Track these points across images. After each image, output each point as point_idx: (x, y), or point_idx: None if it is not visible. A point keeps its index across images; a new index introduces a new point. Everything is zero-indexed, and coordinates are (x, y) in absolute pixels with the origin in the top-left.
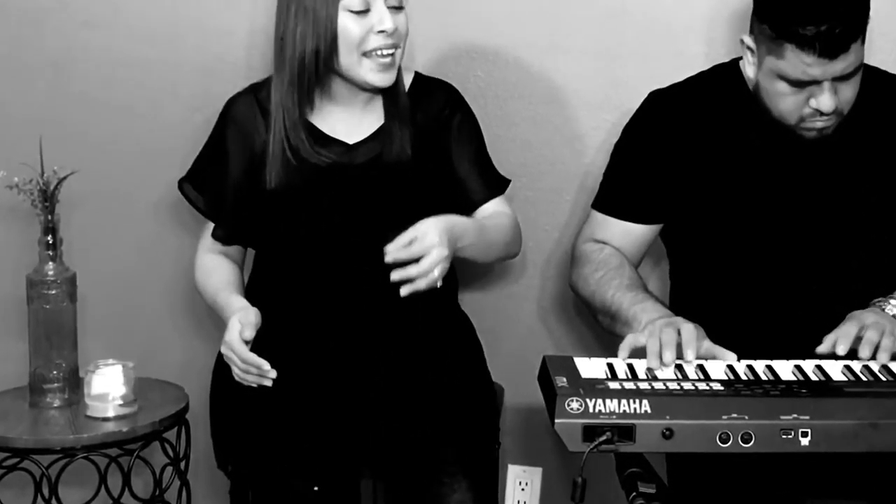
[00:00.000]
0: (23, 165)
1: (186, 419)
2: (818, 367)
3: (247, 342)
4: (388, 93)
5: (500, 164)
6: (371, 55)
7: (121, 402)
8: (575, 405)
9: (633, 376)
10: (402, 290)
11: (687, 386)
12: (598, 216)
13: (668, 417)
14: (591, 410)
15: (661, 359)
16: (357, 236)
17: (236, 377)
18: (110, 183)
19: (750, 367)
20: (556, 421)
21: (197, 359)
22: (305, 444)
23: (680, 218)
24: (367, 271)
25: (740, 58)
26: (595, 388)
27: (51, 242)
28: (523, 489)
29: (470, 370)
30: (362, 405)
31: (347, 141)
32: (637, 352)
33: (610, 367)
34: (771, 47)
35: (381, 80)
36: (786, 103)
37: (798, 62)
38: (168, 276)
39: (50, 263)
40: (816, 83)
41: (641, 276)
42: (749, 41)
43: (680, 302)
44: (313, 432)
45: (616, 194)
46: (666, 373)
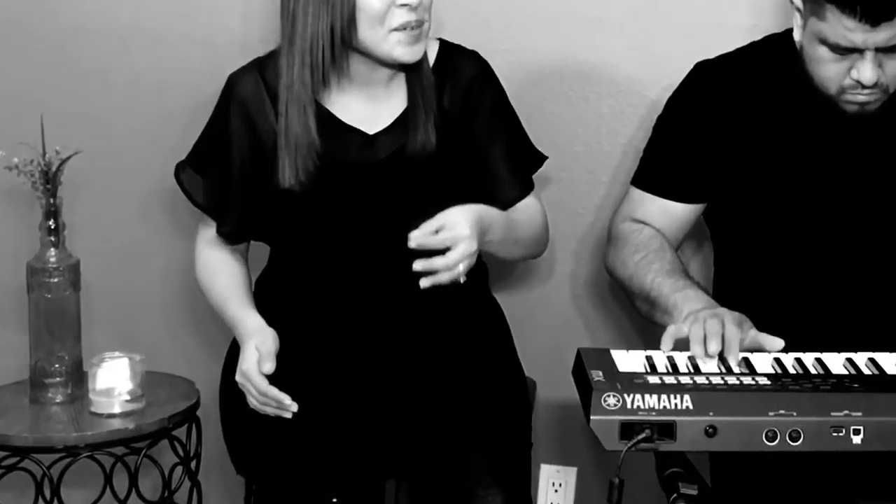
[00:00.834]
0: (23, 145)
1: (197, 416)
2: (871, 360)
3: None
4: (412, 70)
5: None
6: (398, 30)
7: (127, 398)
8: (612, 401)
9: (674, 370)
10: (423, 282)
11: (731, 380)
12: (638, 193)
13: (711, 414)
14: (629, 406)
15: (707, 348)
16: (378, 235)
17: (251, 406)
18: (116, 163)
19: (798, 361)
20: (592, 418)
21: (209, 351)
22: (324, 453)
23: (724, 197)
24: (387, 269)
25: None
26: (633, 383)
27: (53, 227)
28: (556, 490)
29: (502, 366)
30: (387, 407)
31: (367, 131)
32: (679, 344)
33: (649, 361)
34: (814, 8)
35: (409, 55)
36: (826, 71)
37: (839, 25)
38: (178, 263)
39: (52, 249)
40: (858, 52)
41: (682, 260)
42: (797, 0)
43: (724, 288)
44: (333, 439)
45: (657, 170)
46: (709, 366)
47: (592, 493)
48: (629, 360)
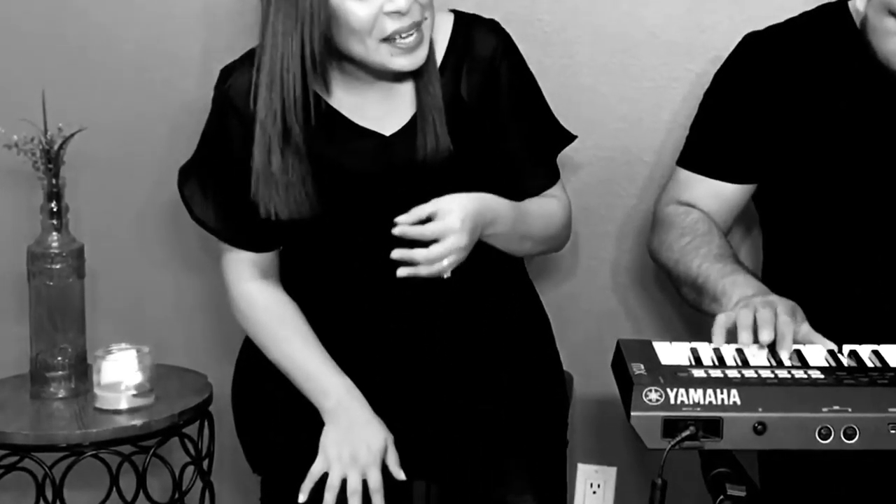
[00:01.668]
0: (23, 121)
1: (210, 412)
2: None
3: None
4: (417, 75)
5: (567, 122)
6: (391, 40)
7: (135, 393)
8: (654, 396)
9: (721, 363)
10: (400, 271)
11: (782, 374)
12: (684, 174)
13: (761, 410)
14: (673, 402)
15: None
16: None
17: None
18: (123, 141)
19: (854, 353)
20: (633, 414)
21: (222, 343)
22: None
23: (776, 177)
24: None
25: None
26: (677, 377)
27: (55, 210)
28: (595, 492)
29: (539, 359)
30: (414, 405)
31: (383, 132)
32: (731, 336)
33: (694, 353)
34: None
35: (410, 64)
36: (892, 44)
37: None
38: (188, 248)
39: (54, 234)
40: None
41: (732, 245)
42: None
43: (774, 276)
44: None
45: (705, 149)
46: (758, 359)
47: (632, 495)
48: (672, 353)
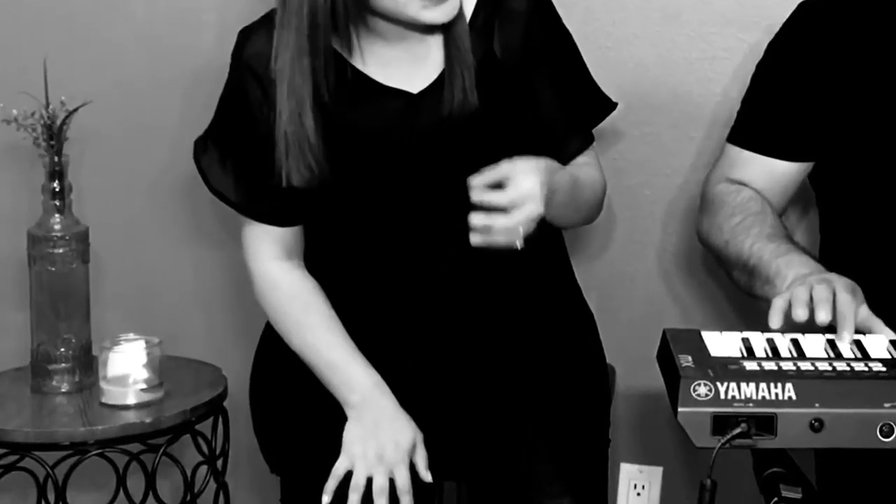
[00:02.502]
0: (23, 94)
1: (224, 407)
2: None
3: None
4: (446, 30)
5: (609, 94)
6: None
7: (144, 387)
8: (703, 390)
9: (775, 354)
10: (473, 238)
11: (841, 366)
12: (735, 151)
13: (818, 405)
14: (723, 397)
15: (815, 316)
16: (428, 210)
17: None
18: (131, 116)
19: None
20: (680, 409)
21: (238, 333)
22: None
23: (834, 154)
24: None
25: None
26: (727, 370)
27: (57, 190)
28: (639, 494)
29: (580, 351)
30: (444, 400)
31: (411, 90)
32: (789, 320)
33: (745, 343)
34: None
35: (442, 16)
36: None
37: None
38: (202, 232)
39: (56, 216)
40: None
41: (787, 227)
42: None
43: (832, 260)
44: None
45: (758, 124)
46: (815, 350)
47: (679, 497)
48: (723, 343)
